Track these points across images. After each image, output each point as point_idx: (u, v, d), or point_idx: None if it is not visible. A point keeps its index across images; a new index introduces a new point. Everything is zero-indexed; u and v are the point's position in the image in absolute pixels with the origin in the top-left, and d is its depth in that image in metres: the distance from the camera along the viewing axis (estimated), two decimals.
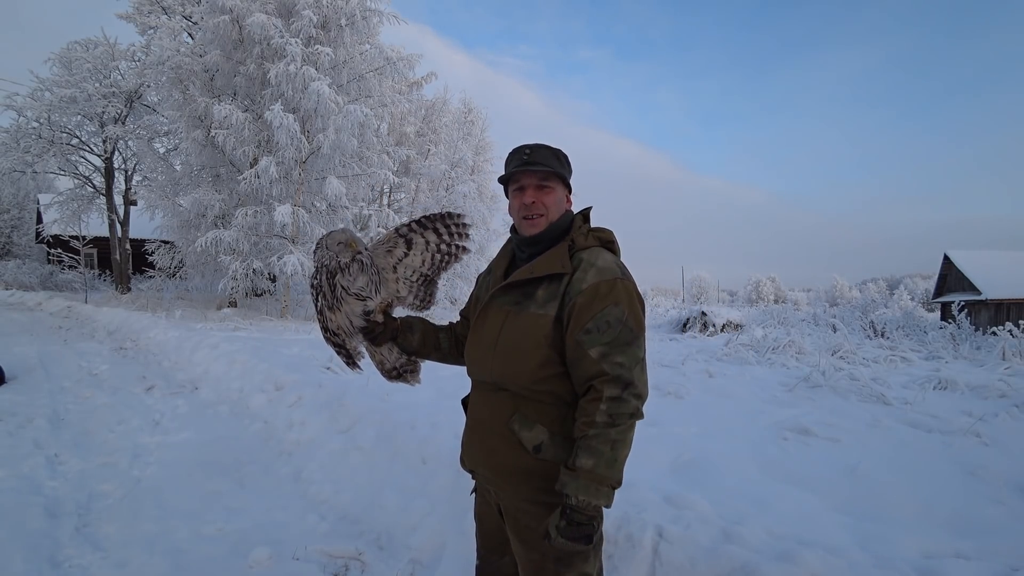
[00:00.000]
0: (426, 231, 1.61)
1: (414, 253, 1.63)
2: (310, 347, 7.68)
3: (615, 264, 1.35)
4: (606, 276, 1.30)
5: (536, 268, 1.37)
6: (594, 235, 1.43)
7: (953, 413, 4.98)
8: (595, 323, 1.26)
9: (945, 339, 13.46)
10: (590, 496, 1.21)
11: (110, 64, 18.00)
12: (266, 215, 13.80)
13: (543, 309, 1.33)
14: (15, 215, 30.42)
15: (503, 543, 1.50)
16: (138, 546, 2.60)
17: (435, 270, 1.66)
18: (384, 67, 14.82)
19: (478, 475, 1.49)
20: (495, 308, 1.42)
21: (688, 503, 2.51)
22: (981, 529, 2.72)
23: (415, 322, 1.64)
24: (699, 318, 19.42)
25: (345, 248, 1.52)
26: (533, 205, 1.41)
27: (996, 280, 25.88)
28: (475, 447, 1.46)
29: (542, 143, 1.45)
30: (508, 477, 1.37)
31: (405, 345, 1.62)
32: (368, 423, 3.78)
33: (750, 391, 6.04)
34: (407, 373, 1.72)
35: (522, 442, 1.34)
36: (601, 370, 1.25)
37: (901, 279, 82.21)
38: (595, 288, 1.29)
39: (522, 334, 1.34)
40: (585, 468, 1.22)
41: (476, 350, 1.45)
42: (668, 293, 65.24)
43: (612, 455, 1.23)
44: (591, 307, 1.28)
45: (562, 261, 1.35)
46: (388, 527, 2.77)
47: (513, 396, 1.37)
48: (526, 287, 1.38)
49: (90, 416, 4.65)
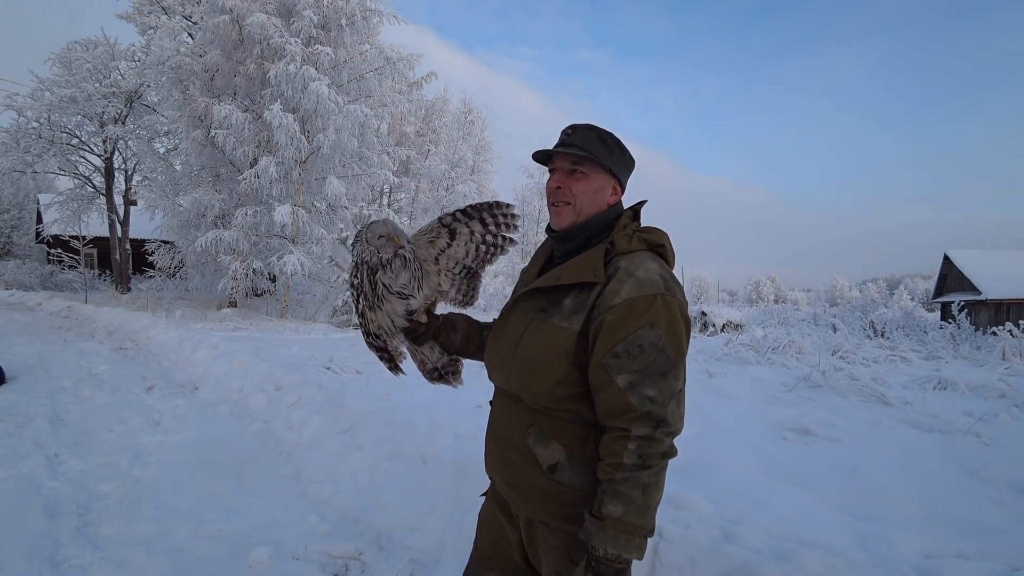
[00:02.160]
0: (471, 220, 1.50)
1: (457, 244, 1.52)
2: (310, 347, 7.69)
3: (659, 275, 1.14)
4: (645, 290, 1.11)
5: (563, 274, 1.21)
6: (641, 237, 1.22)
7: (953, 413, 4.97)
8: (625, 346, 1.09)
9: (945, 339, 13.46)
10: (619, 549, 1.06)
11: (110, 64, 18.01)
12: (266, 215, 13.81)
13: (568, 321, 1.17)
14: (15, 215, 30.44)
15: (495, 556, 1.40)
16: (138, 546, 2.60)
17: (479, 262, 1.55)
18: (384, 67, 14.84)
19: (496, 485, 1.40)
20: (518, 314, 1.29)
21: (688, 503, 2.51)
22: (981, 529, 2.72)
23: (458, 319, 1.54)
24: (699, 318, 19.44)
25: (387, 242, 1.40)
26: (558, 191, 1.25)
27: (996, 280, 25.89)
28: (493, 456, 1.35)
29: (591, 123, 1.28)
30: (523, 495, 1.26)
31: (448, 344, 1.51)
32: (368, 423, 3.78)
33: (750, 391, 6.04)
34: (449, 374, 1.63)
35: (537, 459, 1.22)
36: (629, 404, 1.08)
37: (901, 279, 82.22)
38: (630, 304, 1.10)
39: (542, 347, 1.20)
40: (613, 517, 1.06)
41: (495, 356, 1.34)
42: None
43: (644, 501, 1.07)
44: (622, 327, 1.10)
45: (595, 267, 1.17)
46: (388, 527, 2.77)
47: (530, 409, 1.25)
48: (552, 294, 1.23)
49: (90, 416, 4.65)
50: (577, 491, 1.18)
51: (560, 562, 1.23)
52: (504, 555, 1.38)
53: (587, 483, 1.18)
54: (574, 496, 1.18)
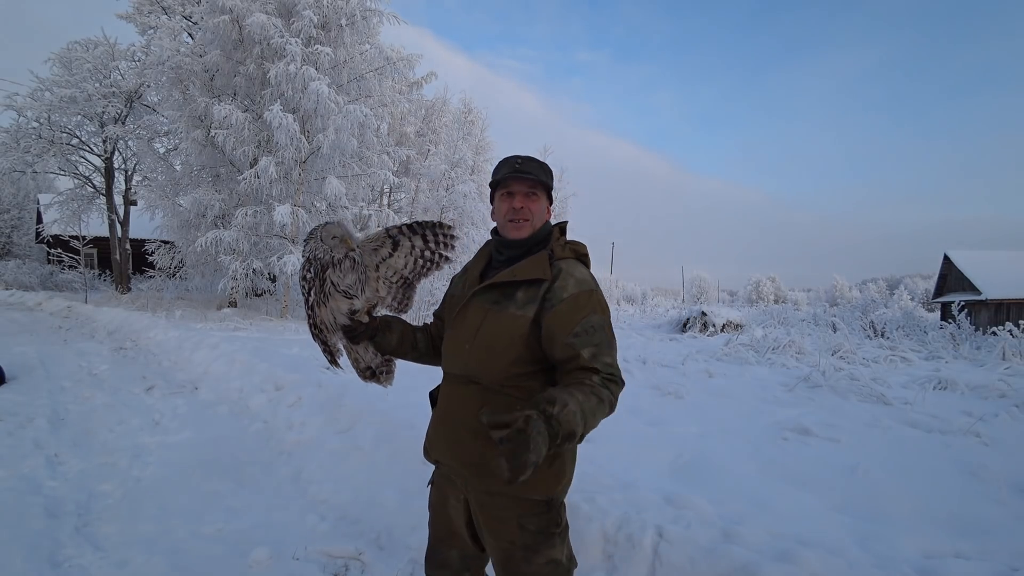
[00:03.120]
0: (414, 236, 1.64)
1: (398, 255, 1.66)
2: (310, 347, 7.68)
3: (590, 277, 1.48)
4: (584, 287, 1.43)
5: (518, 272, 1.45)
6: (570, 247, 1.54)
7: (953, 413, 4.98)
8: (582, 327, 1.38)
9: (945, 339, 13.47)
10: (573, 422, 1.17)
11: (110, 64, 18.00)
12: (266, 215, 13.80)
13: (522, 310, 1.42)
14: (15, 215, 30.42)
15: (451, 535, 1.56)
16: (138, 546, 2.60)
17: (416, 274, 1.70)
18: (384, 67, 14.82)
19: (443, 466, 1.54)
20: (475, 306, 1.49)
21: (688, 503, 2.51)
22: (981, 529, 2.72)
23: (393, 321, 1.68)
24: (699, 318, 19.42)
25: (340, 243, 1.53)
26: (522, 210, 1.51)
27: (996, 280, 25.87)
28: (442, 439, 1.52)
29: (532, 156, 1.58)
30: (475, 469, 1.42)
31: (383, 344, 1.64)
32: (368, 423, 3.78)
33: (750, 391, 6.04)
34: (381, 374, 1.73)
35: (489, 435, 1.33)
36: (594, 368, 1.35)
37: (901, 279, 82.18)
38: (576, 297, 1.41)
39: (500, 332, 1.43)
40: (578, 399, 1.22)
41: (453, 344, 1.52)
42: (668, 293, 65.26)
43: (592, 409, 1.26)
44: (576, 313, 1.39)
45: (543, 268, 1.44)
46: (388, 527, 2.77)
47: (483, 390, 1.44)
48: (506, 288, 1.47)
49: (90, 416, 4.65)
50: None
51: (512, 531, 1.42)
52: (457, 535, 1.55)
53: None
54: None
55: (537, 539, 1.42)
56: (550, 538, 1.43)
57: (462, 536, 1.54)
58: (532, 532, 1.41)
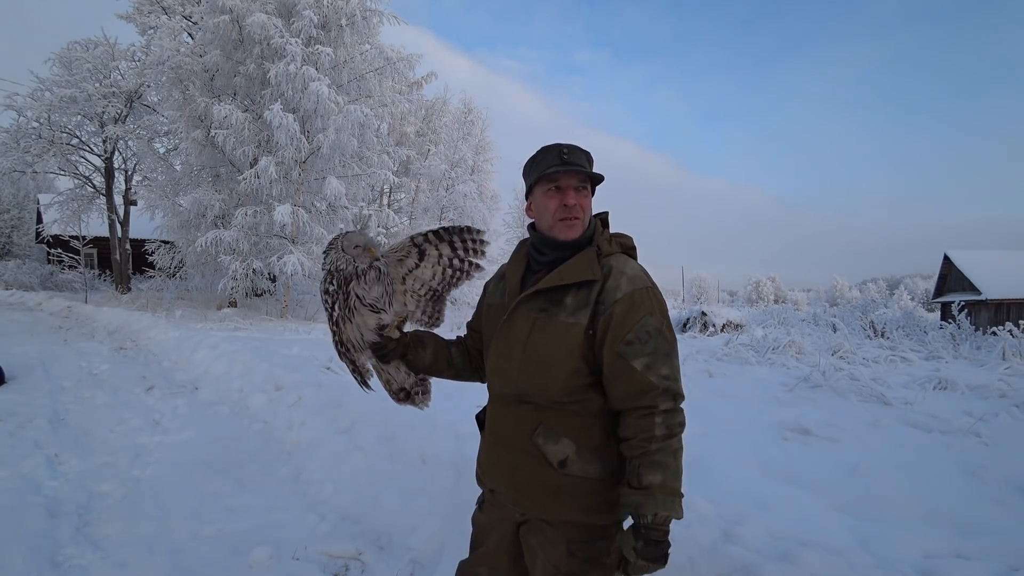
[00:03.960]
0: (441, 243, 1.51)
1: (425, 265, 1.53)
2: (310, 347, 7.68)
3: (643, 273, 1.32)
4: (638, 285, 1.27)
5: (566, 274, 1.30)
6: (616, 241, 1.39)
7: (953, 413, 4.97)
8: (635, 334, 1.23)
9: (945, 339, 13.46)
10: (668, 510, 1.18)
11: (110, 64, 18.01)
12: (266, 215, 13.81)
13: (574, 317, 1.27)
14: (15, 215, 30.43)
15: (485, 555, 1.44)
16: (138, 546, 2.60)
17: (445, 285, 1.56)
18: (384, 67, 14.83)
19: (499, 494, 1.40)
20: (521, 316, 1.34)
21: (688, 503, 2.48)
22: (981, 529, 2.72)
23: (426, 336, 1.54)
24: (699, 318, 19.41)
25: (363, 252, 1.41)
26: (575, 207, 1.34)
27: (996, 280, 25.88)
28: (496, 465, 1.38)
29: (576, 144, 1.39)
30: (533, 494, 1.31)
31: (417, 362, 1.51)
32: (368, 423, 3.78)
33: (750, 391, 6.04)
34: (416, 395, 1.60)
35: (547, 456, 1.28)
36: (650, 383, 1.21)
37: (901, 279, 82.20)
38: (631, 297, 1.25)
39: (552, 343, 1.28)
40: (656, 484, 1.18)
41: (501, 360, 1.37)
42: (668, 293, 65.21)
43: (676, 466, 1.22)
44: (629, 317, 1.24)
45: (592, 268, 1.29)
46: (388, 527, 2.77)
47: (537, 409, 1.31)
48: (552, 294, 1.31)
49: (90, 416, 4.65)
50: (589, 480, 1.28)
51: (559, 558, 1.29)
52: (492, 555, 1.43)
53: (596, 471, 1.28)
54: (587, 485, 1.28)
55: (584, 567, 1.30)
56: (598, 568, 1.30)
57: (498, 557, 1.42)
58: (580, 560, 1.30)
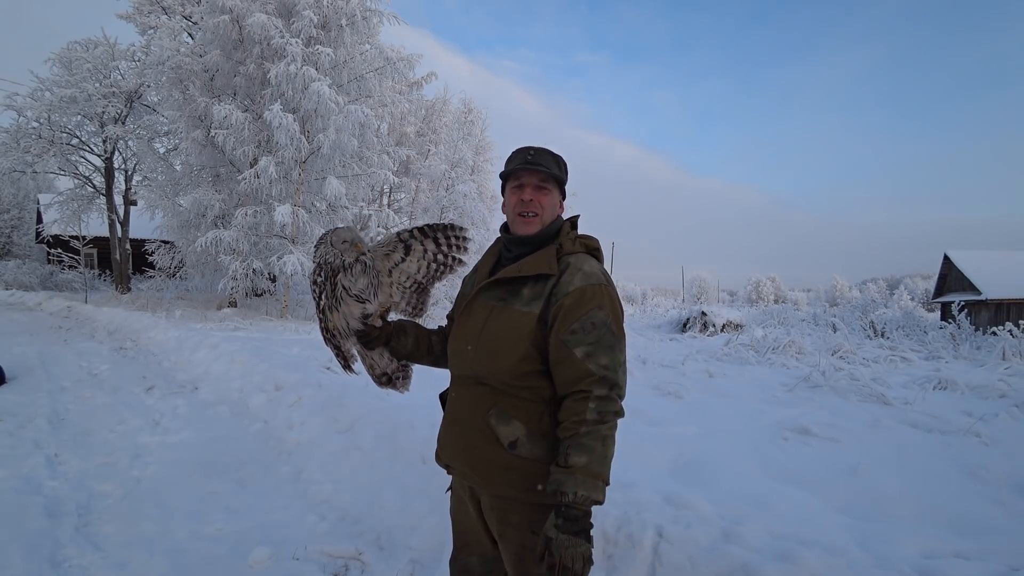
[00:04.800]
0: (426, 239, 1.61)
1: (411, 259, 1.64)
2: (310, 347, 7.68)
3: (600, 271, 1.40)
4: (591, 281, 1.35)
5: (524, 268, 1.40)
6: (581, 241, 1.47)
7: (953, 413, 4.97)
8: (580, 324, 1.31)
9: (945, 339, 13.47)
10: (588, 491, 1.22)
11: (110, 64, 17.99)
12: (266, 215, 13.80)
13: (528, 307, 1.37)
14: (15, 215, 30.42)
15: (471, 543, 1.53)
16: (138, 546, 2.60)
17: (429, 279, 1.67)
18: (384, 67, 14.81)
19: (454, 470, 1.50)
20: (480, 303, 1.45)
21: (688, 503, 2.51)
22: (981, 529, 2.72)
23: (408, 325, 1.64)
24: (699, 318, 19.41)
25: (350, 247, 1.51)
26: (531, 203, 1.45)
27: (996, 280, 25.88)
28: (452, 441, 1.48)
29: (545, 147, 1.49)
30: (485, 472, 1.39)
31: (399, 349, 1.61)
32: (368, 423, 3.78)
33: (750, 391, 6.05)
34: (398, 379, 1.70)
35: (498, 436, 1.36)
36: (588, 370, 1.29)
37: (901, 279, 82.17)
38: (581, 291, 1.33)
39: (505, 329, 1.37)
40: (580, 465, 1.23)
41: (459, 343, 1.48)
42: (668, 293, 65.25)
43: (603, 452, 1.26)
44: (577, 309, 1.32)
45: (549, 263, 1.39)
46: (388, 527, 2.77)
47: (492, 390, 1.39)
48: (512, 285, 1.42)
49: (90, 416, 4.65)
50: (537, 462, 1.34)
51: (523, 535, 1.37)
52: (477, 542, 1.52)
53: (545, 454, 1.34)
54: (534, 467, 1.34)
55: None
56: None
57: (481, 540, 1.50)
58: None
